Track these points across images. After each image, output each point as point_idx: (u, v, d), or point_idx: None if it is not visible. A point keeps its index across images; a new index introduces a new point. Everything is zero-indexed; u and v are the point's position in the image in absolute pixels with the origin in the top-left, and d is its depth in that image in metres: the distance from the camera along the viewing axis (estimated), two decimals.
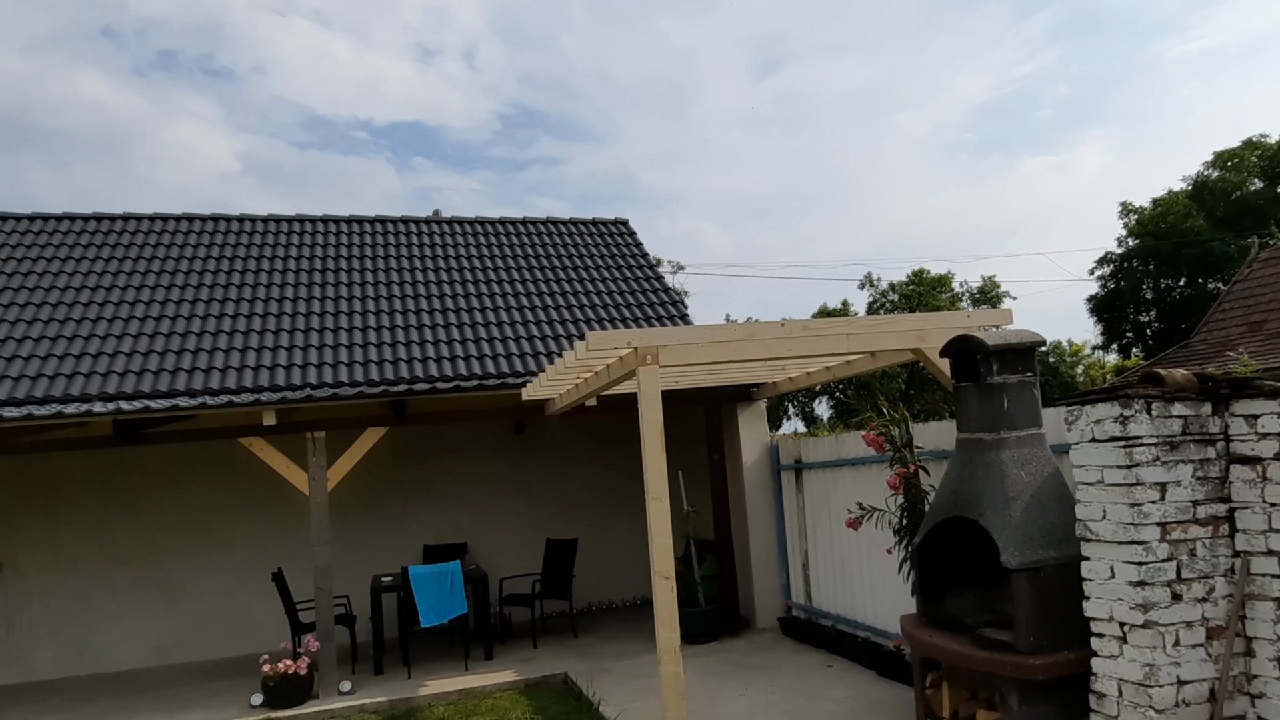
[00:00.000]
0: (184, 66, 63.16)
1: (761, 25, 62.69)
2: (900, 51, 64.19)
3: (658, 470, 5.26)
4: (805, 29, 63.60)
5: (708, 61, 65.97)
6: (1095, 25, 57.51)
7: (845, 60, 63.15)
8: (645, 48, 65.40)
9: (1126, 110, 56.63)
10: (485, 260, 12.48)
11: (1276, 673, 3.91)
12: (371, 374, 9.28)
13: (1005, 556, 4.49)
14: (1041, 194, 58.20)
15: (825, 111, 65.58)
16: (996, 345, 4.81)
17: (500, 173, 65.63)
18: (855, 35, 63.23)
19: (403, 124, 65.04)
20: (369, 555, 10.19)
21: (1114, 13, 55.92)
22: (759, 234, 62.24)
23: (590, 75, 67.35)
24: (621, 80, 67.08)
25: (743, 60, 64.90)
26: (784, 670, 7.42)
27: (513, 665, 8.33)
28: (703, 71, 66.64)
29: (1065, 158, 57.43)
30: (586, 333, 5.26)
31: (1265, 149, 31.86)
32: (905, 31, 63.19)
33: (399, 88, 65.30)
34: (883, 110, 65.14)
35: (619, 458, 11.32)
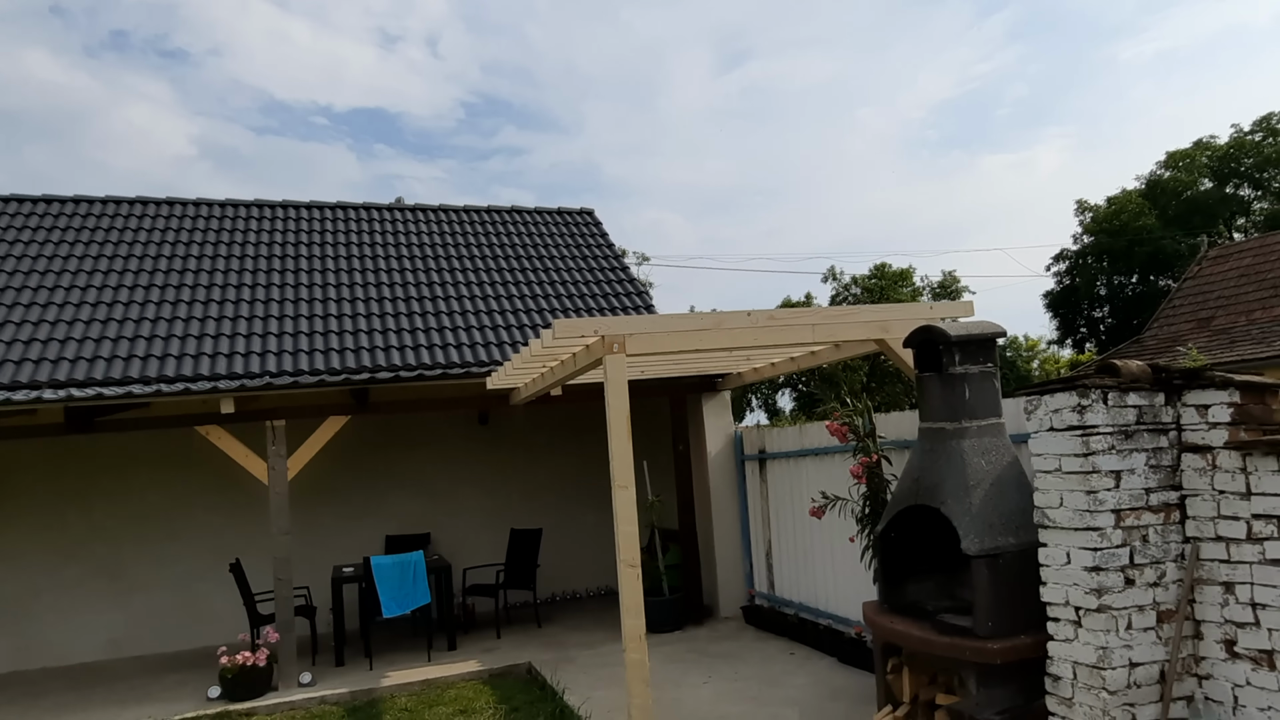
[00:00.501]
0: (136, 47, 61.63)
1: (726, 18, 62.79)
2: (863, 47, 64.76)
3: (624, 458, 5.27)
4: (770, 23, 63.84)
5: (673, 53, 65.96)
6: (1053, 26, 58.51)
7: (809, 55, 63.53)
8: (611, 38, 65.18)
9: (1083, 110, 57.76)
10: (449, 249, 12.37)
11: (1223, 655, 4.03)
12: (333, 362, 9.16)
13: (965, 543, 4.57)
14: (1000, 191, 59.20)
15: (789, 106, 65.95)
16: (958, 336, 4.89)
17: (464, 161, 65.05)
18: (819, 30, 63.63)
19: (364, 110, 64.11)
20: (330, 546, 10.08)
21: (1071, 14, 56.93)
22: (723, 227, 62.46)
23: (555, 65, 66.95)
24: (587, 70, 66.79)
25: (708, 53, 64.98)
26: (747, 658, 7.48)
27: (476, 655, 8.30)
28: (668, 63, 66.62)
29: (1023, 156, 58.45)
30: (553, 320, 5.24)
31: (1215, 150, 32.65)
32: (868, 28, 63.77)
33: (360, 73, 64.35)
34: (846, 106, 65.68)
35: (583, 448, 11.32)
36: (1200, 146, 33.12)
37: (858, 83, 65.54)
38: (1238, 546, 3.96)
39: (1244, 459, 3.91)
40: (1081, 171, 55.36)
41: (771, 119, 65.75)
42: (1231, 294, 20.47)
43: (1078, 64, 58.02)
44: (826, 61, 64.18)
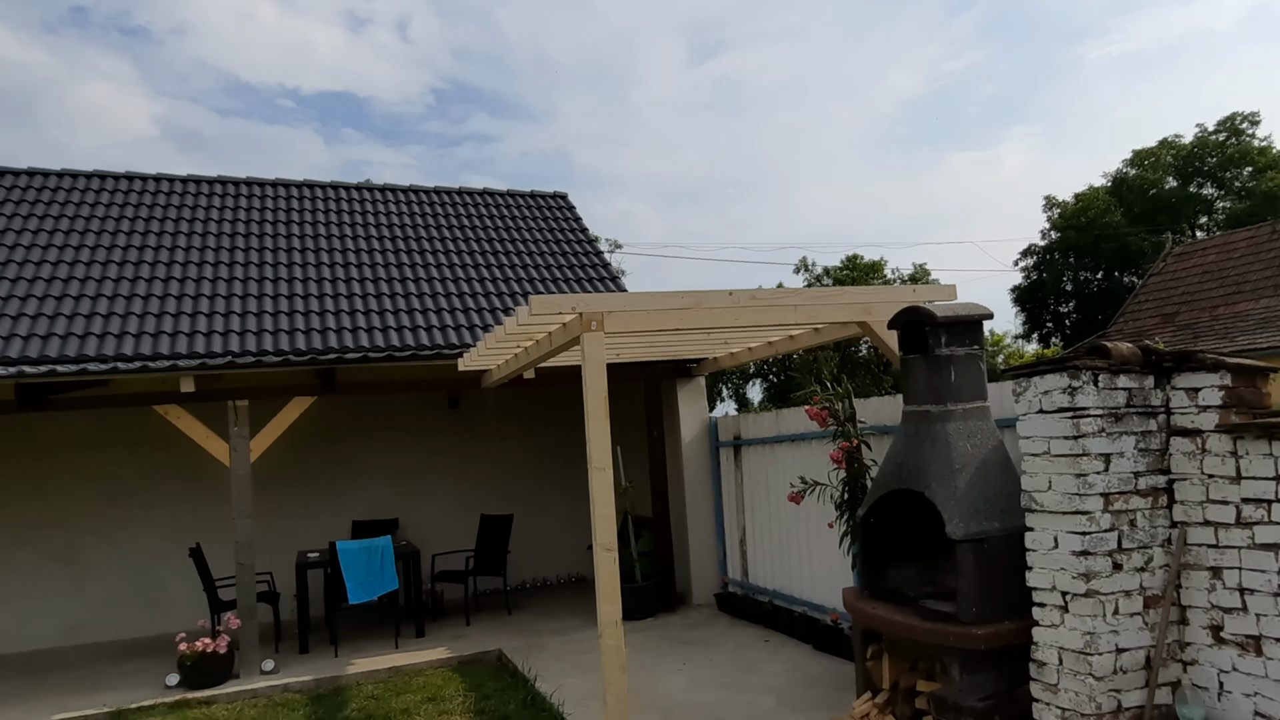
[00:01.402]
0: (97, 24, 60.03)
1: (699, 9, 62.57)
2: (835, 42, 64.86)
3: (601, 440, 5.12)
4: (742, 15, 63.69)
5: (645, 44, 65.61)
6: (1021, 25, 59.04)
7: (781, 48, 63.50)
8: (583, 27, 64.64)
9: (1049, 109, 58.38)
10: (420, 230, 12.12)
11: (1209, 640, 3.99)
12: (298, 343, 8.90)
13: (950, 528, 4.49)
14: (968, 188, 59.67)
15: (761, 99, 65.93)
16: (946, 317, 4.80)
17: (433, 148, 64.22)
18: (791, 24, 63.60)
19: (331, 94, 63.02)
20: (294, 530, 9.84)
21: (1039, 14, 57.48)
22: (693, 218, 62.36)
23: (527, 52, 66.29)
24: (559, 59, 66.21)
25: (680, 44, 64.71)
26: (721, 645, 7.39)
27: (445, 643, 8.13)
28: (640, 54, 66.26)
29: (990, 154, 58.96)
30: (530, 297, 5.07)
31: (1180, 149, 33.14)
32: (840, 22, 63.87)
33: (328, 56, 63.22)
34: (817, 100, 65.79)
35: (556, 433, 11.16)
36: (1165, 145, 33.60)
37: (829, 77, 65.72)
38: (1226, 531, 3.91)
39: (1235, 442, 3.86)
40: (1047, 170, 56.04)
41: (743, 111, 65.73)
42: (1195, 290, 20.77)
43: (1045, 64, 58.66)
44: (798, 55, 64.23)
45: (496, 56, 64.62)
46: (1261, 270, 19.17)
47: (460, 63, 64.86)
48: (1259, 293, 18.73)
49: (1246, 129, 32.24)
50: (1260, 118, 32.22)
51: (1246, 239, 20.69)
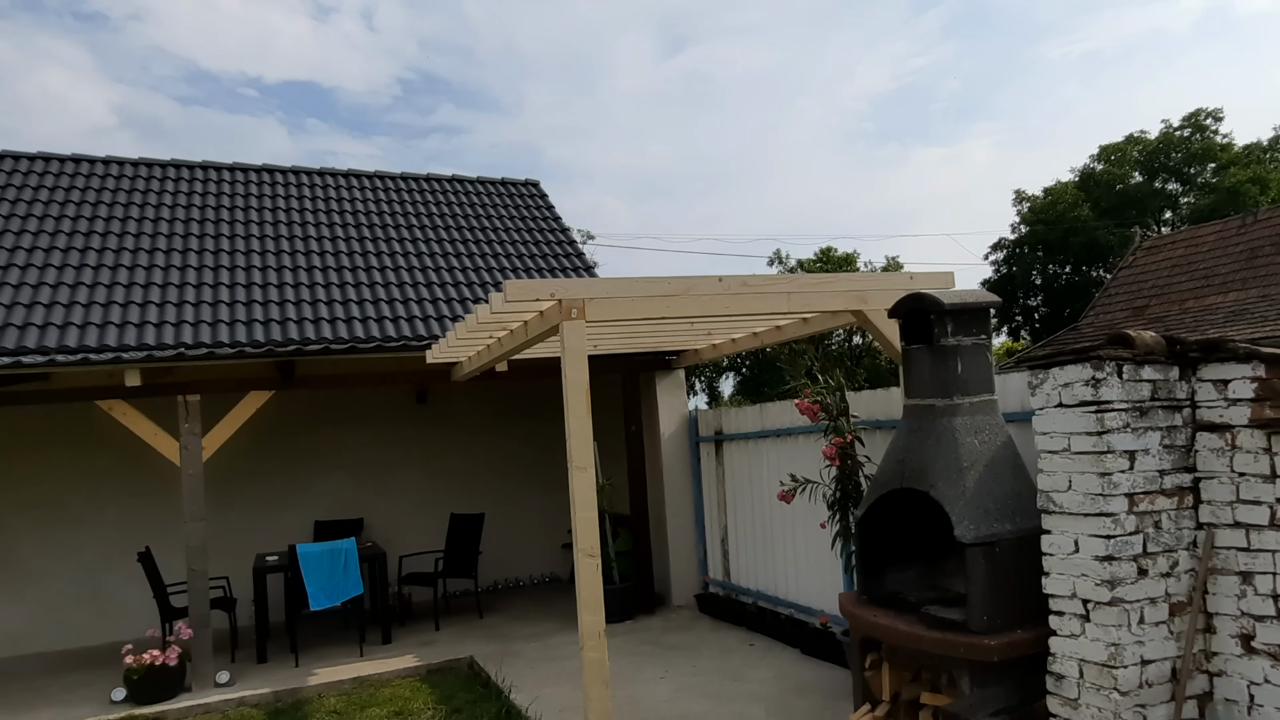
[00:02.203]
0: (51, 9, 58.20)
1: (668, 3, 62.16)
2: (803, 38, 64.76)
3: (582, 436, 4.76)
4: (711, 9, 63.42)
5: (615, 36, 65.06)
6: (986, 23, 59.39)
7: (750, 43, 63.32)
8: (552, 18, 63.93)
9: (1013, 106, 58.79)
10: (386, 217, 11.63)
11: (1239, 650, 3.72)
12: (255, 334, 8.40)
13: (959, 530, 4.18)
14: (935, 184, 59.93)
15: (730, 93, 65.72)
16: (953, 304, 4.49)
17: (400, 139, 63.21)
18: (759, 19, 63.41)
19: (295, 83, 61.77)
20: (252, 532, 9.35)
21: (1003, 12, 57.86)
22: (663, 212, 62.06)
23: (495, 43, 65.46)
24: (527, 50, 65.45)
25: (650, 37, 64.26)
26: (704, 650, 7.06)
27: (413, 649, 7.72)
28: (610, 46, 65.71)
29: (957, 150, 59.26)
30: (505, 283, 4.69)
31: (1146, 144, 33.40)
32: (808, 18, 63.78)
33: (291, 44, 61.92)
34: (785, 95, 65.70)
35: (528, 428, 10.78)
36: (1131, 141, 33.85)
37: (797, 73, 65.62)
38: (1259, 533, 3.64)
39: (1269, 438, 3.59)
40: (1010, 167, 56.45)
41: (712, 106, 65.51)
42: (1164, 284, 20.84)
43: (1009, 62, 59.07)
44: (767, 50, 64.08)
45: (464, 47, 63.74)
46: (1229, 264, 19.24)
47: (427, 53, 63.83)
48: (1227, 286, 18.79)
49: (1211, 125, 32.57)
50: (1224, 114, 32.58)
51: (1214, 233, 20.78)
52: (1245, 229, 19.96)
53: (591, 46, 65.94)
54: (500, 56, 65.52)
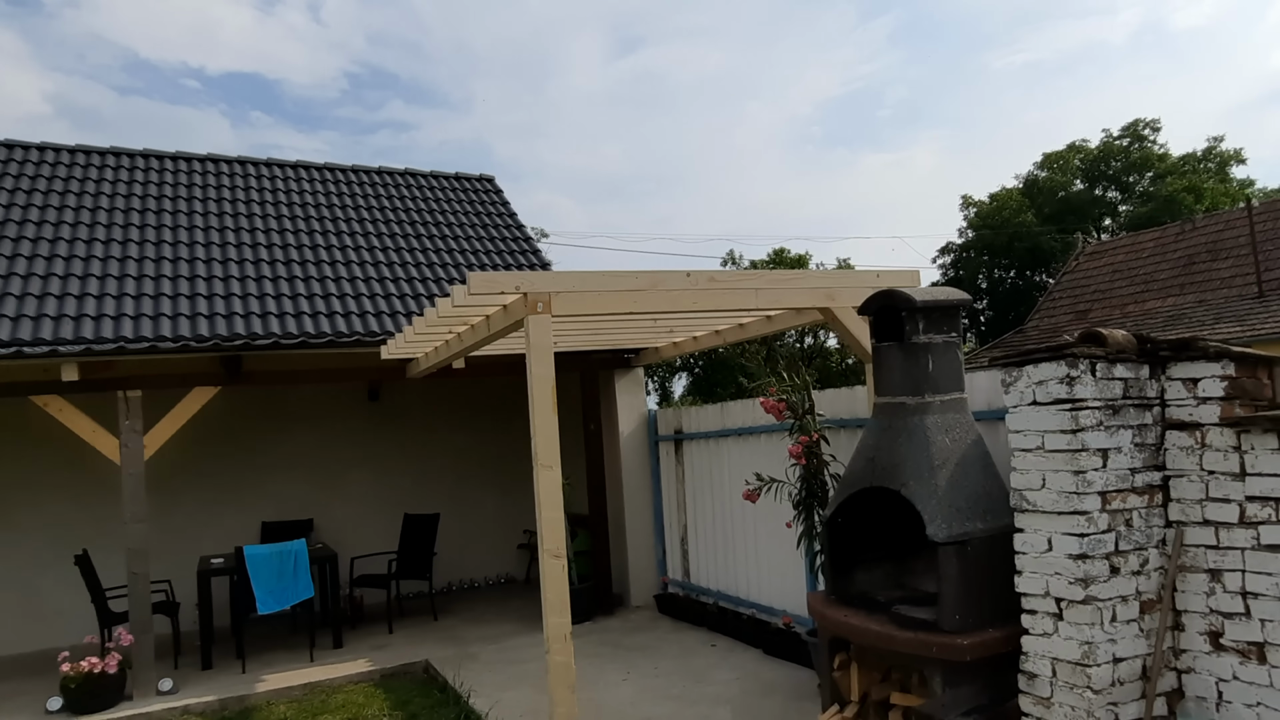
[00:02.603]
0: None
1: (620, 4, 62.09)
2: (753, 42, 65.20)
3: (548, 434, 4.63)
4: (663, 11, 63.48)
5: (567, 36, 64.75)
6: (931, 32, 60.48)
7: (701, 45, 63.53)
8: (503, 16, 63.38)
9: (956, 114, 59.96)
10: (336, 210, 11.33)
11: (1207, 647, 3.75)
12: (200, 328, 8.08)
13: (932, 529, 4.15)
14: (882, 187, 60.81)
15: (680, 95, 65.87)
16: (925, 301, 4.47)
17: (347, 134, 62.05)
18: (710, 22, 63.67)
19: (239, 75, 60.23)
20: (196, 534, 9.01)
21: (949, 22, 58.99)
22: (614, 212, 61.94)
23: (445, 39, 64.65)
24: (477, 47, 64.78)
25: (602, 37, 64.10)
26: (666, 651, 6.98)
27: (365, 654, 7.50)
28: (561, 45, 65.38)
29: (903, 155, 60.23)
30: (468, 274, 4.54)
31: (1087, 153, 34.28)
32: (758, 22, 64.21)
33: (235, 35, 60.34)
34: (736, 98, 66.07)
35: (484, 427, 10.59)
36: (1073, 149, 34.70)
37: (747, 76, 66.02)
38: (1228, 531, 3.67)
39: (1239, 437, 3.62)
40: (954, 173, 57.56)
41: (663, 107, 65.59)
42: (1106, 288, 21.38)
43: (953, 70, 60.23)
44: (718, 53, 64.37)
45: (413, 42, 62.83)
46: (1168, 270, 19.81)
47: (376, 47, 62.83)
48: (1166, 291, 19.35)
49: (1149, 135, 33.54)
50: (1161, 125, 33.58)
51: (1154, 239, 21.38)
52: (1183, 236, 20.56)
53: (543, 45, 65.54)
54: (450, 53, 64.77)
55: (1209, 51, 50.58)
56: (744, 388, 24.68)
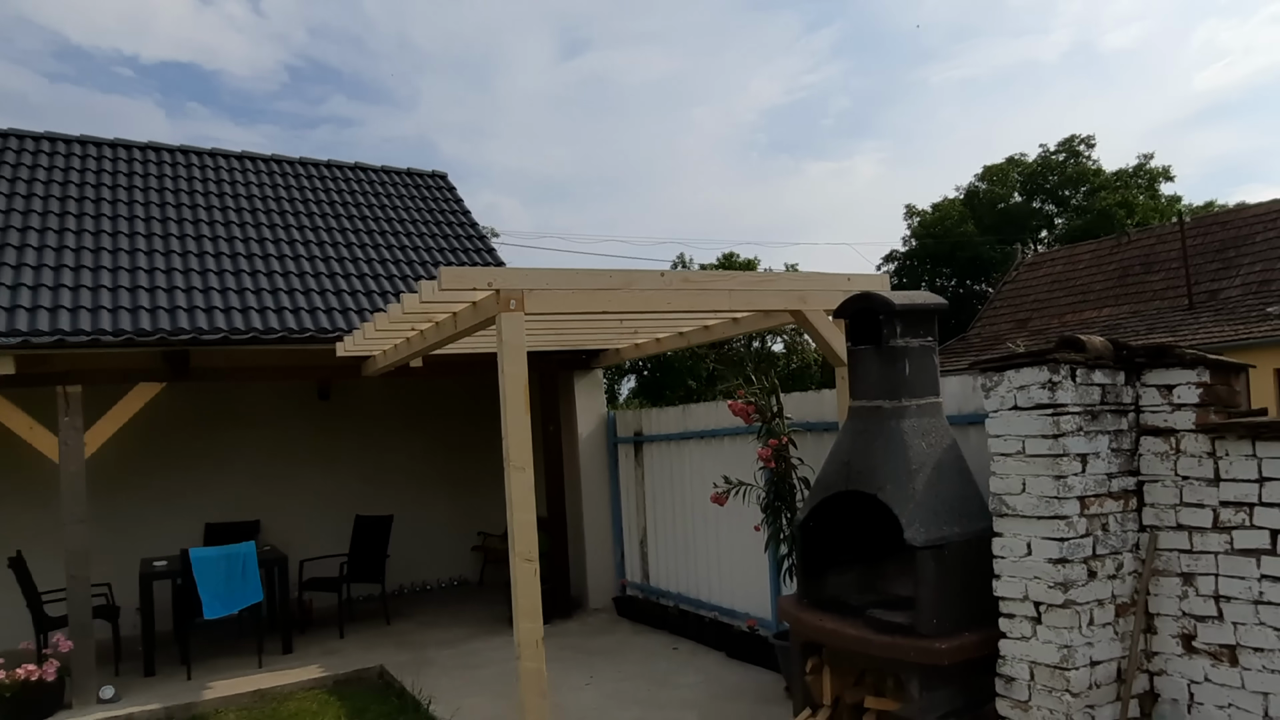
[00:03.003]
0: None
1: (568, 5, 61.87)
2: (700, 49, 65.51)
3: (520, 435, 4.52)
4: (611, 14, 63.42)
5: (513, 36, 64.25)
6: (873, 46, 61.54)
7: (648, 50, 63.63)
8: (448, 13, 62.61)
9: (896, 125, 61.13)
10: (285, 203, 10.99)
11: (1179, 650, 3.82)
12: (142, 322, 7.71)
13: (910, 533, 4.15)
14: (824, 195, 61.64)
15: (627, 98, 65.89)
16: (903, 305, 4.48)
17: (287, 129, 60.52)
18: (658, 27, 63.82)
19: (175, 64, 58.29)
20: (137, 536, 8.63)
21: (890, 36, 60.10)
22: (560, 214, 61.64)
23: (389, 35, 63.59)
24: (422, 44, 63.87)
25: (549, 38, 63.76)
26: (628, 654, 6.90)
27: (317, 659, 7.26)
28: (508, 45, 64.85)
29: (845, 164, 61.17)
30: (440, 269, 4.40)
31: (1025, 166, 35.22)
32: (705, 30, 64.57)
33: (171, 24, 58.41)
34: (682, 104, 66.29)
35: (437, 427, 10.39)
36: (1012, 163, 35.62)
37: (694, 82, 66.29)
38: (1202, 536, 3.73)
39: (1213, 443, 3.69)
40: (894, 184, 58.60)
41: (610, 110, 65.51)
42: (1045, 298, 21.96)
43: (894, 83, 61.37)
44: (664, 59, 64.52)
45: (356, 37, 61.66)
46: (1104, 281, 20.43)
47: (317, 40, 61.46)
48: (1102, 302, 19.95)
49: (1084, 151, 34.60)
50: (1095, 141, 34.67)
51: (1090, 251, 22.04)
52: (1119, 249, 21.23)
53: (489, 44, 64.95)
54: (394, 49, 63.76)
55: (1136, 73, 52.51)
56: (693, 391, 24.73)
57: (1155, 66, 51.87)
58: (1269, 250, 17.74)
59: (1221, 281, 17.86)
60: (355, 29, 61.30)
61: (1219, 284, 17.83)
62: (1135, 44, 51.80)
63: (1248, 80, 48.82)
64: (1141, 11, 51.08)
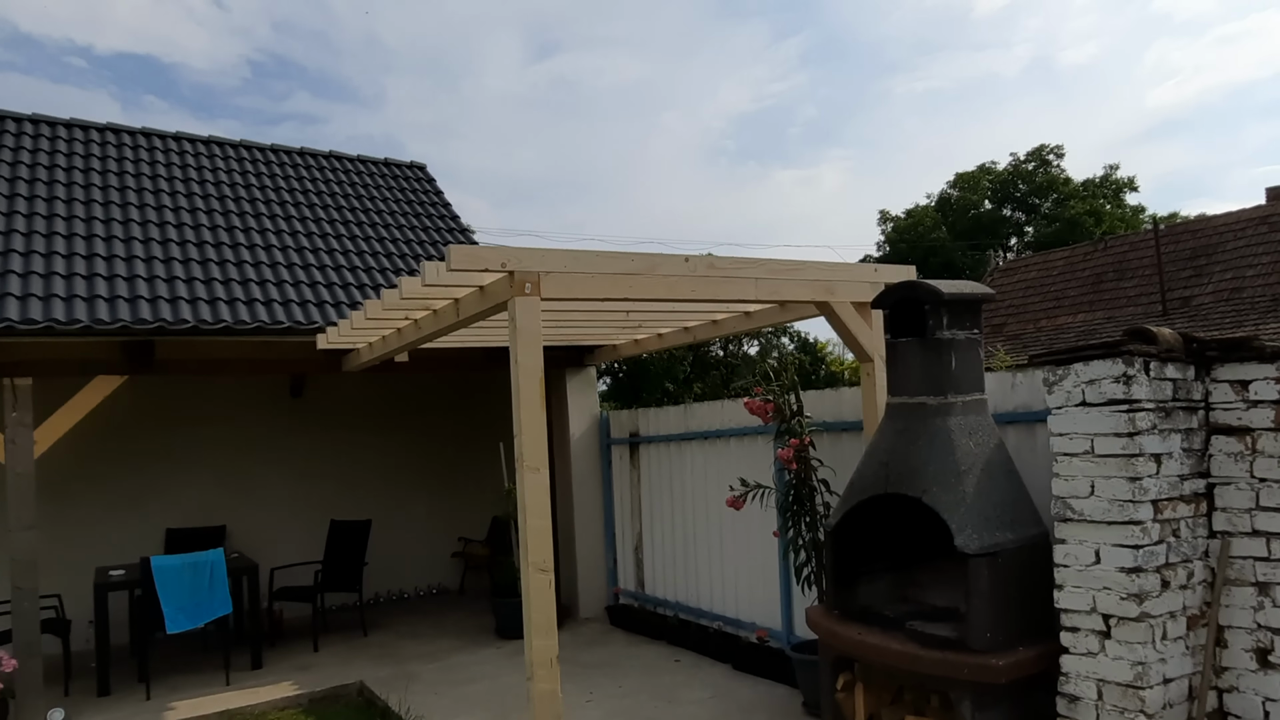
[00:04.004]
0: None
1: (539, 6, 61.37)
2: (670, 54, 65.47)
3: (536, 433, 4.11)
4: (582, 17, 63.09)
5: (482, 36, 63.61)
6: (839, 56, 61.92)
7: (619, 55, 63.38)
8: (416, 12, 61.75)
9: (861, 135, 61.50)
10: (255, 191, 10.43)
11: (1253, 665, 3.53)
12: (100, 312, 7.13)
13: (961, 540, 3.82)
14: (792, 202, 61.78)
15: (597, 102, 65.56)
16: (952, 294, 4.15)
17: (249, 125, 59.31)
18: (629, 31, 63.62)
19: (131, 56, 56.78)
20: (91, 543, 8.05)
21: (856, 47, 60.54)
22: (528, 216, 61.11)
23: (355, 32, 62.57)
24: (389, 42, 62.92)
25: (518, 40, 63.22)
26: (627, 667, 6.50)
27: (290, 675, 6.76)
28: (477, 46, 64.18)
29: (811, 172, 61.38)
30: (449, 248, 3.99)
31: (996, 174, 35.48)
32: (675, 36, 64.52)
33: (128, 14, 56.89)
34: (652, 108, 66.15)
35: (416, 427, 9.91)
36: (983, 170, 35.87)
37: (663, 88, 66.21)
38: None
39: None
40: (858, 192, 58.95)
41: (579, 113, 65.14)
42: (1020, 304, 21.96)
43: (859, 93, 61.78)
44: (635, 63, 64.36)
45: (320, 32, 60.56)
46: (1079, 287, 20.48)
47: (281, 36, 60.28)
48: (1076, 308, 19.97)
49: (1053, 160, 34.95)
50: (1064, 151, 35.04)
51: (1064, 258, 22.11)
52: (1092, 256, 21.31)
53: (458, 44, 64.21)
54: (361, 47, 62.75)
55: (1093, 88, 53.39)
56: (669, 394, 24.34)
57: (1110, 83, 52.85)
58: (1238, 259, 17.89)
59: (1194, 288, 17.97)
60: (320, 25, 60.23)
61: (1191, 290, 17.94)
62: (1091, 61, 52.77)
63: (1197, 98, 50.01)
64: (1097, 30, 52.09)
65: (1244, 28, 47.93)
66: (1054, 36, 53.24)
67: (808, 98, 62.70)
